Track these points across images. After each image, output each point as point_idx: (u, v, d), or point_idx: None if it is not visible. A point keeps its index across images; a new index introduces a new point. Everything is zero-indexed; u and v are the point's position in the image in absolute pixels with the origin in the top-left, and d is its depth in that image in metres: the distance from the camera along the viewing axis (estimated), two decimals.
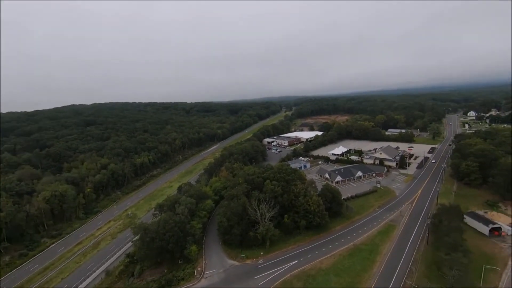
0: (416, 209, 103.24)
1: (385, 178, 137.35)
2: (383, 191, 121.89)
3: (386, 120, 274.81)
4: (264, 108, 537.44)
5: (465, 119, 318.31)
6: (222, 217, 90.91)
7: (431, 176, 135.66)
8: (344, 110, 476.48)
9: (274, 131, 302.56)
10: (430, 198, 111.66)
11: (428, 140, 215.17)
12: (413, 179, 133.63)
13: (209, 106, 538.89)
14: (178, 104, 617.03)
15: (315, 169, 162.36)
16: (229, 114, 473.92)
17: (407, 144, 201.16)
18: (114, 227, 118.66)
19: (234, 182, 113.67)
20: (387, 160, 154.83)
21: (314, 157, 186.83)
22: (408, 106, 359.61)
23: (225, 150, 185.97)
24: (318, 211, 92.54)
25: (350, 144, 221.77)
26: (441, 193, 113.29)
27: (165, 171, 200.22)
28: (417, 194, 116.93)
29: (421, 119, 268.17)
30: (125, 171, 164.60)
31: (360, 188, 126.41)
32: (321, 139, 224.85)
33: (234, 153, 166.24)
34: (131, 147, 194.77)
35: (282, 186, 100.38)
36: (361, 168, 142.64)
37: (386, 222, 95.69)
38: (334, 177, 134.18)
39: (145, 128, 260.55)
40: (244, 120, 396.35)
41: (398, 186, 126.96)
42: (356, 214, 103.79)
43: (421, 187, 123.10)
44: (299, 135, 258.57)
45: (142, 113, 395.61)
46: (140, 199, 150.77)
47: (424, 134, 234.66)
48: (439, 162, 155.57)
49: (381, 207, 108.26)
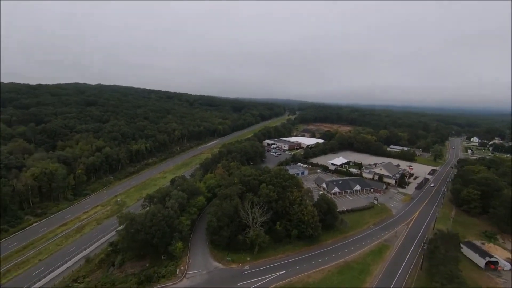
0: (412, 231, 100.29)
1: (383, 195, 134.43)
2: (380, 208, 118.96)
3: (389, 136, 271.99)
4: (268, 109, 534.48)
5: (468, 144, 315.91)
6: (212, 217, 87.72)
7: (429, 199, 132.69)
8: (347, 120, 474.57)
9: (275, 133, 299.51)
10: (427, 221, 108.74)
11: (430, 161, 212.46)
12: (411, 200, 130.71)
13: (213, 100, 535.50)
14: (183, 95, 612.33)
15: (313, 177, 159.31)
16: (232, 110, 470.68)
17: (408, 163, 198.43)
18: (101, 213, 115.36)
19: (229, 181, 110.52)
20: (387, 177, 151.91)
21: (313, 165, 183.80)
22: (413, 125, 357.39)
23: (224, 147, 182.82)
24: (312, 222, 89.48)
25: (351, 155, 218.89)
26: (438, 218, 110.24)
27: (160, 161, 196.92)
28: (414, 215, 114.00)
29: (424, 139, 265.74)
30: (120, 156, 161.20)
31: (356, 202, 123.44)
32: (322, 147, 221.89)
33: (233, 151, 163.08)
34: (129, 132, 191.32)
35: (278, 192, 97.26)
36: (360, 182, 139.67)
37: (380, 241, 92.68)
38: (332, 188, 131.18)
39: (146, 115, 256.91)
40: (246, 119, 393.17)
41: (395, 205, 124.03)
42: (350, 229, 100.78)
43: (418, 209, 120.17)
44: (300, 141, 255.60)
45: (145, 100, 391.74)
46: (131, 186, 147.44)
47: (426, 155, 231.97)
48: (439, 186, 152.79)
49: (376, 224, 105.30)
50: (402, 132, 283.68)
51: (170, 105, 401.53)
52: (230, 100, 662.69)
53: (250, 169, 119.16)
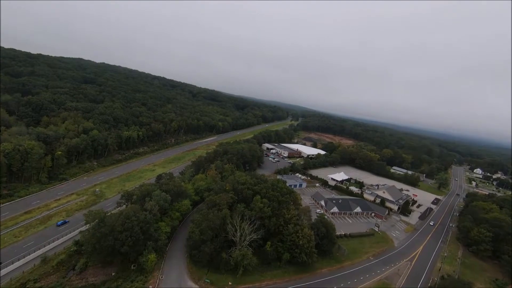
0: (416, 269, 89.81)
1: (384, 221, 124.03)
2: (381, 237, 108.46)
3: (393, 156, 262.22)
4: (271, 111, 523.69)
5: (471, 175, 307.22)
6: (195, 228, 76.54)
7: (434, 232, 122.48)
8: (351, 134, 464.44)
9: (276, 138, 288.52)
10: (432, 259, 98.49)
11: (433, 189, 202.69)
12: (415, 231, 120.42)
13: (217, 95, 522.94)
14: (187, 85, 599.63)
15: (311, 191, 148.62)
16: (234, 108, 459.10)
17: (411, 188, 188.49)
18: (74, 203, 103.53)
19: (220, 186, 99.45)
20: (390, 202, 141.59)
21: (312, 177, 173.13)
22: (416, 147, 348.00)
23: (221, 146, 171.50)
24: (307, 247, 78.66)
25: (352, 172, 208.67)
26: (445, 257, 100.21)
27: (152, 152, 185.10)
28: (417, 250, 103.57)
29: (428, 165, 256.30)
30: (108, 142, 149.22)
31: (356, 227, 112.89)
32: (323, 159, 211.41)
33: (229, 152, 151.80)
34: (122, 117, 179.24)
35: (273, 207, 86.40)
36: (361, 203, 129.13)
37: (380, 278, 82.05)
38: (330, 207, 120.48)
39: (145, 101, 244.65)
40: (248, 119, 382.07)
41: (397, 234, 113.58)
42: (347, 258, 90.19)
43: (422, 243, 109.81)
44: (301, 149, 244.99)
45: (146, 85, 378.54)
46: (115, 176, 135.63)
47: (429, 181, 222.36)
48: (443, 218, 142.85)
49: (377, 256, 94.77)
50: (406, 154, 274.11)
51: (172, 94, 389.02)
52: (234, 97, 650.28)
53: (245, 175, 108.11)
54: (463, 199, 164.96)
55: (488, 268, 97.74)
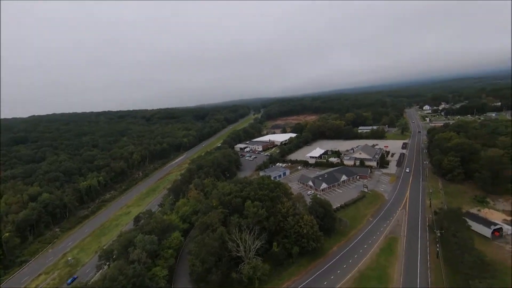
0: (411, 214, 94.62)
1: (370, 180, 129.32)
2: (372, 196, 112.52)
3: (356, 118, 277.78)
4: (232, 111, 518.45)
5: (422, 112, 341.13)
6: (195, 259, 69.57)
7: (413, 173, 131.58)
8: (312, 109, 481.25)
9: (245, 135, 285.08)
10: (421, 199, 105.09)
11: (398, 135, 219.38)
12: (397, 179, 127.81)
13: (173, 112, 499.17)
14: (138, 111, 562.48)
15: (296, 176, 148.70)
16: (195, 120, 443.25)
17: (380, 141, 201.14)
18: (45, 284, 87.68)
19: (206, 205, 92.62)
20: (368, 160, 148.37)
21: (292, 162, 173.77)
22: (372, 104, 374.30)
23: (193, 162, 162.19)
24: (312, 233, 76.99)
25: (325, 144, 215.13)
26: (429, 193, 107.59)
27: (121, 193, 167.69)
28: (406, 195, 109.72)
29: (387, 116, 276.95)
30: (65, 200, 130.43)
31: (347, 195, 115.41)
32: (296, 141, 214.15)
33: (204, 166, 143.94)
34: (74, 168, 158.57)
35: (267, 207, 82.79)
36: (345, 171, 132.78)
37: (386, 235, 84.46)
38: (319, 185, 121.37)
39: (95, 142, 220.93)
40: (212, 126, 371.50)
41: (385, 188, 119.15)
42: (351, 228, 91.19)
43: (408, 187, 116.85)
44: (273, 138, 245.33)
45: (92, 125, 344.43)
46: (86, 235, 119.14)
47: (392, 130, 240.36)
48: (416, 158, 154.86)
49: (375, 215, 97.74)
50: (366, 112, 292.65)
51: (123, 125, 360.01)
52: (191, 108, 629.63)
53: (228, 184, 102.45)
54: (426, 136, 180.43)
55: (466, 189, 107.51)
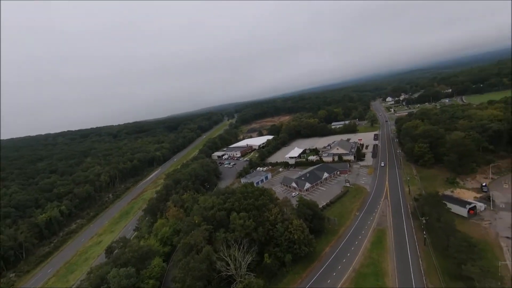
0: (394, 204, 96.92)
1: (350, 174, 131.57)
2: (355, 190, 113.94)
3: (328, 115, 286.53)
4: (206, 119, 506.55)
5: (386, 104, 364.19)
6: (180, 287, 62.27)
7: (388, 163, 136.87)
8: (285, 110, 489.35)
9: (222, 142, 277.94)
10: (399, 187, 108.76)
11: (368, 127, 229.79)
12: (375, 170, 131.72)
13: (142, 125, 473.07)
14: (102, 128, 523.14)
15: (278, 179, 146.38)
16: (167, 131, 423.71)
17: (353, 135, 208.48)
18: None
19: (188, 223, 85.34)
20: (345, 155, 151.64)
21: (272, 165, 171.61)
22: (341, 100, 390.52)
23: (169, 177, 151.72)
24: (303, 237, 74.10)
25: (302, 143, 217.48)
26: (406, 180, 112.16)
27: (89, 221, 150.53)
28: (386, 185, 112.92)
29: (356, 110, 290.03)
30: (20, 239, 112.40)
31: (331, 192, 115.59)
32: (274, 143, 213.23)
33: (181, 180, 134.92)
34: (28, 199, 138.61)
35: (254, 217, 78.29)
36: (326, 168, 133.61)
37: (374, 228, 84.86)
38: (303, 185, 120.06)
39: (53, 167, 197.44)
40: (185, 136, 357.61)
41: (365, 180, 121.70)
42: (339, 225, 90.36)
43: (386, 177, 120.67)
44: (251, 143, 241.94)
45: (49, 147, 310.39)
46: (50, 275, 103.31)
47: (362, 123, 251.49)
48: (388, 147, 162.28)
49: (360, 209, 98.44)
50: (337, 109, 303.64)
51: (87, 145, 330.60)
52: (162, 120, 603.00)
53: (210, 197, 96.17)
54: (394, 125, 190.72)
55: (437, 173, 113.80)
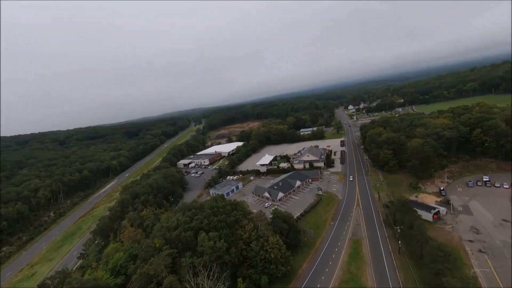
0: (366, 211, 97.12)
1: (321, 181, 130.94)
2: (327, 198, 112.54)
3: (296, 121, 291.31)
4: (171, 124, 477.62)
5: (348, 111, 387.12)
6: None
7: (356, 169, 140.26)
8: (254, 116, 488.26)
9: (188, 149, 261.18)
10: (369, 194, 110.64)
11: (335, 134, 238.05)
12: (345, 176, 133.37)
13: (96, 131, 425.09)
14: (45, 134, 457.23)
15: (250, 188, 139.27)
16: (126, 137, 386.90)
17: (321, 141, 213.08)
18: None
19: (147, 247, 72.42)
20: (316, 161, 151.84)
21: (243, 173, 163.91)
22: (307, 107, 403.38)
23: (126, 190, 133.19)
24: (280, 256, 67.71)
25: (273, 149, 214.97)
26: (374, 186, 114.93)
27: (21, 248, 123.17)
28: (356, 192, 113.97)
29: (322, 117, 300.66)
30: None
31: (305, 201, 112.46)
32: (244, 150, 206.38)
33: (140, 193, 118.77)
34: None
35: (225, 236, 69.50)
36: (298, 176, 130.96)
37: (350, 238, 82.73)
38: (276, 195, 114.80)
39: None
40: (147, 142, 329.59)
41: (336, 187, 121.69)
42: (315, 237, 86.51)
43: (356, 184, 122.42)
44: (220, 150, 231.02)
45: None
46: None
47: (329, 129, 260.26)
48: (354, 153, 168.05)
49: (334, 218, 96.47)
50: (304, 115, 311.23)
51: (24, 153, 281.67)
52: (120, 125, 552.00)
53: (174, 214, 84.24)
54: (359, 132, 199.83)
55: (402, 178, 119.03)
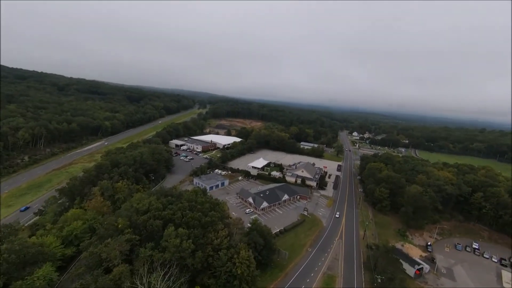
0: (348, 247, 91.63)
1: (309, 201, 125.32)
2: (311, 221, 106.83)
3: (299, 133, 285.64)
4: (175, 101, 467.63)
5: (352, 138, 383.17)
6: None
7: (347, 199, 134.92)
8: (258, 116, 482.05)
9: (185, 131, 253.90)
10: (355, 228, 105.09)
11: (334, 156, 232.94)
12: (334, 203, 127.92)
13: (98, 86, 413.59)
14: (47, 76, 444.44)
15: (235, 187, 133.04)
16: (127, 101, 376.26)
17: (319, 160, 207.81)
18: None
19: (108, 225, 65.64)
20: (309, 179, 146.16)
21: (232, 170, 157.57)
22: (313, 122, 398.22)
23: (108, 155, 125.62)
24: (247, 273, 61.63)
25: (269, 155, 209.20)
26: (362, 222, 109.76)
27: None
28: (342, 223, 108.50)
29: (326, 136, 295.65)
30: None
31: (287, 217, 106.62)
32: (240, 147, 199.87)
33: (121, 163, 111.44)
34: None
35: (195, 237, 63.16)
36: (287, 189, 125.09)
37: (324, 272, 76.95)
38: (260, 203, 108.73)
39: None
40: (146, 112, 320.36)
41: (323, 212, 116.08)
42: (289, 260, 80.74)
43: (343, 214, 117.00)
44: (216, 140, 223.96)
45: None
46: None
47: (329, 150, 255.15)
48: (349, 182, 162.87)
49: (313, 245, 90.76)
50: (308, 129, 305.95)
51: (20, 88, 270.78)
52: (125, 87, 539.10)
53: (148, 197, 77.38)
54: (359, 161, 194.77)
55: (392, 221, 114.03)
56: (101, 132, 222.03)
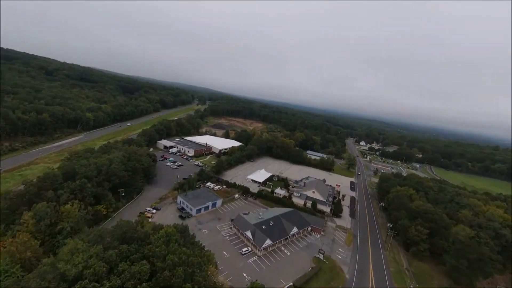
0: None
1: (323, 235, 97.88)
2: (329, 269, 79.22)
3: (305, 139, 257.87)
4: (172, 95, 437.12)
5: (360, 147, 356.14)
6: None
7: (370, 233, 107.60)
8: (260, 116, 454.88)
9: (178, 129, 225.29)
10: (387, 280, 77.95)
11: (344, 170, 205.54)
12: (354, 239, 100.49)
13: (90, 73, 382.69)
14: (38, 58, 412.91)
15: (230, 210, 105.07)
16: (119, 91, 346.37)
17: (329, 174, 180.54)
18: None
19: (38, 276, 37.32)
20: (321, 203, 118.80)
21: (228, 185, 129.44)
22: (318, 127, 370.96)
23: (69, 160, 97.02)
24: None
25: (270, 164, 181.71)
26: (394, 272, 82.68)
27: None
28: (370, 272, 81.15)
29: (333, 145, 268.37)
30: None
31: (297, 263, 78.95)
32: (239, 154, 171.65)
33: (80, 173, 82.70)
34: None
35: None
36: (295, 218, 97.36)
37: None
38: (261, 241, 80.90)
39: None
40: (139, 105, 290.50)
41: (342, 255, 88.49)
42: None
43: (369, 257, 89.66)
44: (211, 143, 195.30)
45: None
46: None
47: (338, 162, 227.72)
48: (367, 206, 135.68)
49: None
50: (316, 136, 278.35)
51: None
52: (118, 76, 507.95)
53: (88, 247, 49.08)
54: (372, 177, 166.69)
55: (432, 272, 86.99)
56: (81, 125, 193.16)
